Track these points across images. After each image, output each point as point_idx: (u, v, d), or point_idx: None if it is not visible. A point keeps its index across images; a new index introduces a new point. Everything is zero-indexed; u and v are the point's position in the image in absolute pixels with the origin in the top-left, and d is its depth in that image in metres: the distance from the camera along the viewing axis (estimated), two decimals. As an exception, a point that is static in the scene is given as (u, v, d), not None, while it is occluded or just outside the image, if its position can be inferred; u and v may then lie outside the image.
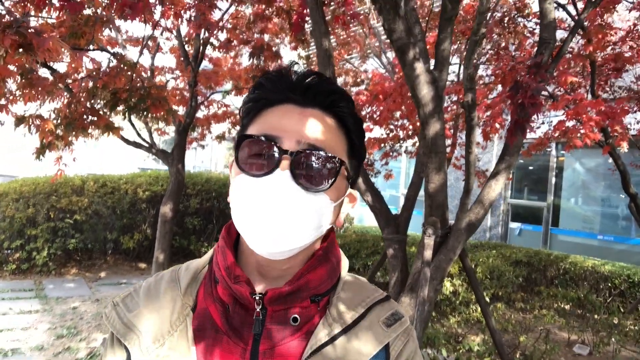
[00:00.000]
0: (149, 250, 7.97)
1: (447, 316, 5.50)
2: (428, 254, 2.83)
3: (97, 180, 7.70)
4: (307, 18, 3.88)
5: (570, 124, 4.10)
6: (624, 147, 4.14)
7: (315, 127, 0.70)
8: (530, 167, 10.37)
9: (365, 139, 0.83)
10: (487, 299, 5.46)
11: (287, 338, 0.70)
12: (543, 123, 6.32)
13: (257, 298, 0.69)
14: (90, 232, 7.40)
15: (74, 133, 3.60)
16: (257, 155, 0.69)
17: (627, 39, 5.13)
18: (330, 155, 0.68)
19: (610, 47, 5.17)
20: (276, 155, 0.67)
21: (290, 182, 0.66)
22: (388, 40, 7.69)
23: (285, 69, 0.74)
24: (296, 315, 0.71)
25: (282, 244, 0.67)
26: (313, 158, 0.67)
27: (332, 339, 0.70)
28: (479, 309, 5.30)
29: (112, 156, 26.40)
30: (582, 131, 3.44)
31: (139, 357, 0.71)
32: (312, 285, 0.72)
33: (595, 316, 5.56)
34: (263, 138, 0.68)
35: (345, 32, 7.46)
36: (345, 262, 0.82)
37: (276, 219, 0.65)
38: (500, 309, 5.51)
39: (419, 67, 2.59)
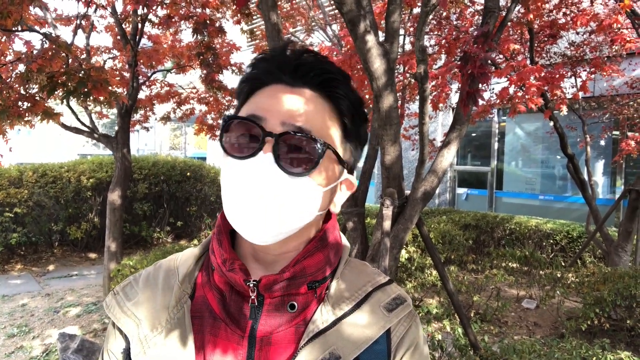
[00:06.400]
0: (98, 240, 7.70)
1: (404, 282, 5.68)
2: (387, 224, 2.88)
3: (36, 169, 7.30)
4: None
5: (512, 90, 4.26)
6: (564, 110, 4.34)
7: (302, 108, 0.67)
8: (474, 134, 10.73)
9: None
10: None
11: (284, 325, 0.69)
12: (485, 91, 6.52)
13: (251, 285, 0.67)
14: (33, 225, 7.05)
15: (9, 121, 3.36)
16: (241, 136, 0.67)
17: (561, 6, 5.33)
18: (314, 138, 0.66)
19: (545, 15, 5.36)
20: (259, 137, 0.65)
21: (272, 166, 0.64)
22: (332, 13, 7.65)
23: (280, 47, 0.71)
24: (294, 302, 0.70)
25: (265, 229, 0.65)
26: (297, 141, 0.65)
27: (331, 325, 0.69)
28: (434, 273, 5.51)
29: (47, 144, 25.01)
30: (527, 97, 3.58)
31: (138, 345, 0.70)
32: (309, 271, 0.70)
33: (541, 272, 5.91)
34: (247, 119, 0.66)
35: (289, 5, 7.33)
36: (346, 247, 0.80)
37: (257, 203, 0.64)
38: (453, 271, 5.73)
39: (371, 39, 2.58)
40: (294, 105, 0.67)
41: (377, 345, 0.70)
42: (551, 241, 6.88)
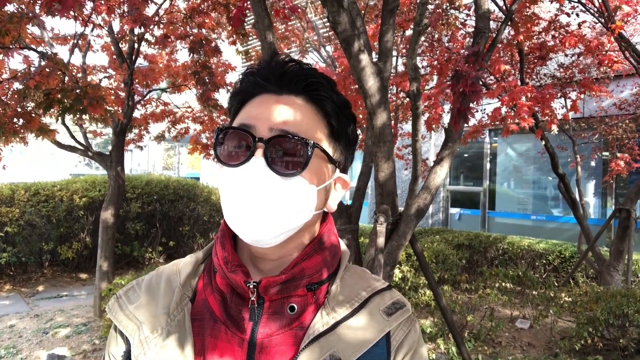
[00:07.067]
0: (89, 260, 7.62)
1: (398, 302, 5.63)
2: (381, 241, 2.89)
3: (29, 188, 7.25)
4: (246, 11, 3.83)
5: (504, 110, 4.32)
6: (554, 129, 4.42)
7: (287, 113, 0.71)
8: (466, 155, 10.82)
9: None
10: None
11: (284, 327, 0.70)
12: (477, 111, 6.60)
13: (251, 286, 0.69)
14: (23, 245, 6.96)
15: (3, 138, 3.36)
16: (233, 145, 0.71)
17: (550, 29, 5.46)
18: (302, 138, 0.69)
19: (535, 37, 5.48)
20: (250, 143, 0.68)
21: (264, 169, 0.67)
22: (327, 34, 7.78)
23: (266, 60, 0.75)
24: (293, 305, 0.71)
25: (266, 229, 0.67)
26: (285, 143, 0.69)
27: (330, 328, 0.71)
28: (427, 292, 5.49)
29: (40, 164, 24.91)
30: (519, 116, 3.64)
31: (138, 347, 0.71)
32: (308, 273, 0.72)
33: (534, 292, 5.91)
34: (238, 128, 0.70)
35: (284, 27, 7.44)
36: (345, 252, 0.82)
37: (254, 206, 0.66)
38: (447, 291, 5.72)
39: (365, 58, 2.63)
40: (281, 111, 0.71)
41: (376, 349, 0.71)
42: (544, 261, 6.89)
